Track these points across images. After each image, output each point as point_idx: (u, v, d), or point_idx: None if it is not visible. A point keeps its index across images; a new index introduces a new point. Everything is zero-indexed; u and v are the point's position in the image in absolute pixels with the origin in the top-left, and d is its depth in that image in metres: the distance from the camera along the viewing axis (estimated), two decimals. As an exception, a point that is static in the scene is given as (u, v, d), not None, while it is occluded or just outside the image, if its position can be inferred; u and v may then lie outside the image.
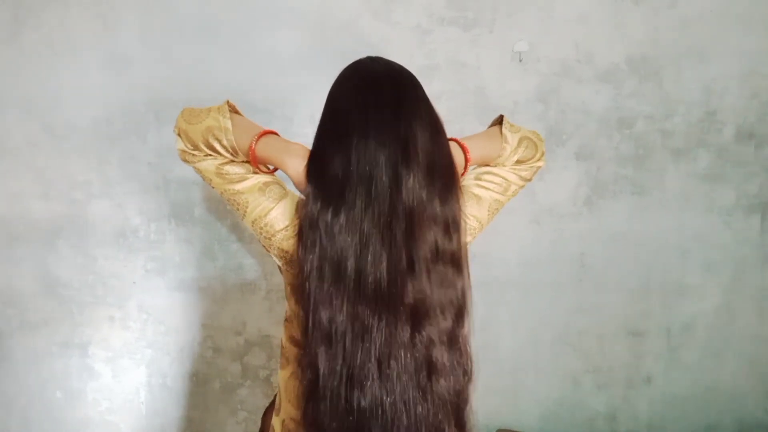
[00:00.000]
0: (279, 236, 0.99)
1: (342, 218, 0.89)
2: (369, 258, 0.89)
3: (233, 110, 1.06)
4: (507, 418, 2.01)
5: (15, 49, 1.77)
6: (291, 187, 1.04)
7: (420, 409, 0.93)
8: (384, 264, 0.89)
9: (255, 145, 0.98)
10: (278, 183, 1.03)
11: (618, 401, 2.01)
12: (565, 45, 1.78)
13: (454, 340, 0.95)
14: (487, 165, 1.12)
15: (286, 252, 1.00)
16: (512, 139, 1.09)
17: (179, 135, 1.02)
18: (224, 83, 1.77)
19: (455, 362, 0.96)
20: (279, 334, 1.97)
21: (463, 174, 1.07)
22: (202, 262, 1.92)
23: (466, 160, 1.06)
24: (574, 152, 1.84)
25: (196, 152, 1.02)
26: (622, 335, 1.96)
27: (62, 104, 1.81)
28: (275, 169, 1.07)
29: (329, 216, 0.90)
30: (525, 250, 1.90)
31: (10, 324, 1.96)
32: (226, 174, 1.01)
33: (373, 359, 0.90)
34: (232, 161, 1.02)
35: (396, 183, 0.89)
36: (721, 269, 1.93)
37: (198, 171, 1.04)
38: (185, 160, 1.04)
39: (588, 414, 2.02)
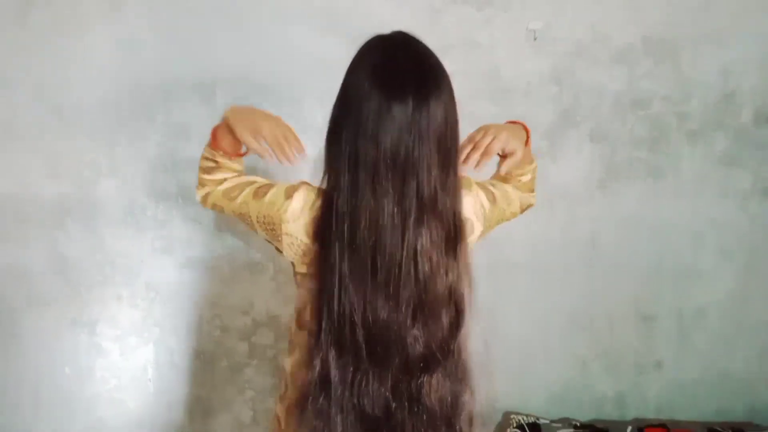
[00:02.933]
0: (283, 228, 1.00)
1: (360, 208, 0.89)
2: (384, 250, 0.89)
3: (214, 128, 1.13)
4: (514, 401, 2.01)
5: (23, 29, 1.75)
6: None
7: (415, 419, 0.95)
8: (396, 260, 0.89)
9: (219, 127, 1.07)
10: (262, 181, 1.08)
11: (627, 385, 2.01)
12: (581, 25, 1.74)
13: (449, 347, 0.96)
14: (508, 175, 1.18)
15: (294, 237, 0.99)
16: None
17: (198, 186, 1.15)
18: (232, 64, 1.75)
19: (449, 371, 0.97)
20: (286, 314, 1.98)
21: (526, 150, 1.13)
22: (209, 242, 1.92)
23: (528, 139, 1.12)
24: (587, 134, 1.82)
25: (206, 187, 1.12)
26: (632, 319, 1.95)
27: (70, 84, 1.79)
28: (246, 153, 1.13)
29: (347, 205, 0.90)
30: (536, 232, 1.88)
31: (19, 302, 1.97)
32: (229, 192, 1.08)
33: (385, 362, 0.93)
34: (223, 169, 1.11)
35: (413, 174, 0.88)
36: (735, 254, 1.91)
37: (216, 207, 1.12)
38: (204, 202, 1.14)
39: (596, 397, 2.02)
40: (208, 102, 1.77)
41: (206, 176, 1.12)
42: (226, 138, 1.07)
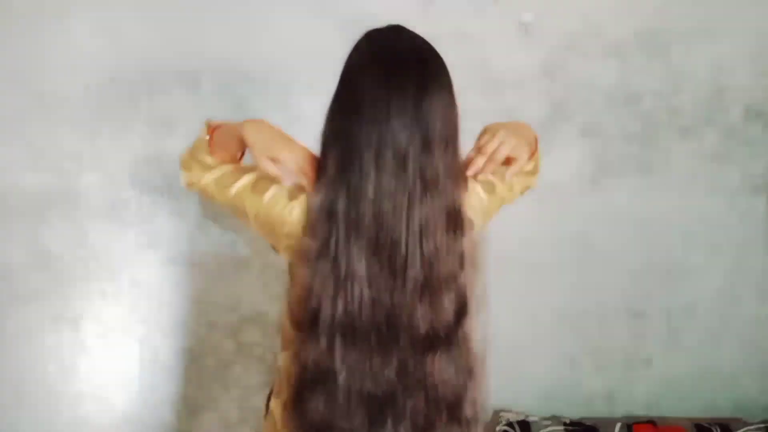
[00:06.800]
0: (285, 229, 0.98)
1: (359, 210, 0.88)
2: (387, 231, 0.88)
3: (214, 126, 1.09)
4: (504, 398, 2.01)
5: (2, 13, 1.70)
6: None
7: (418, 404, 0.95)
8: (399, 240, 0.89)
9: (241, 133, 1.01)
10: (264, 177, 1.01)
11: (616, 382, 2.01)
12: (573, 17, 1.73)
13: (454, 337, 0.96)
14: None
15: (295, 239, 0.97)
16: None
17: (182, 168, 1.09)
18: (219, 51, 1.72)
19: (455, 357, 0.96)
20: (274, 311, 1.95)
21: (531, 157, 1.14)
22: (195, 237, 1.89)
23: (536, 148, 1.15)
24: (579, 129, 1.81)
25: (193, 171, 1.08)
26: (622, 316, 1.95)
27: (51, 72, 1.75)
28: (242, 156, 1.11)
29: (345, 204, 0.89)
30: (526, 228, 1.87)
31: (0, 297, 1.94)
32: (222, 180, 1.04)
33: (393, 359, 0.92)
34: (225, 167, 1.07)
35: (417, 172, 0.87)
36: (724, 251, 1.91)
37: (204, 192, 1.08)
38: (190, 185, 1.10)
39: (586, 394, 2.02)
40: (193, 92, 1.74)
41: (193, 161, 1.09)
42: (230, 147, 1.05)
